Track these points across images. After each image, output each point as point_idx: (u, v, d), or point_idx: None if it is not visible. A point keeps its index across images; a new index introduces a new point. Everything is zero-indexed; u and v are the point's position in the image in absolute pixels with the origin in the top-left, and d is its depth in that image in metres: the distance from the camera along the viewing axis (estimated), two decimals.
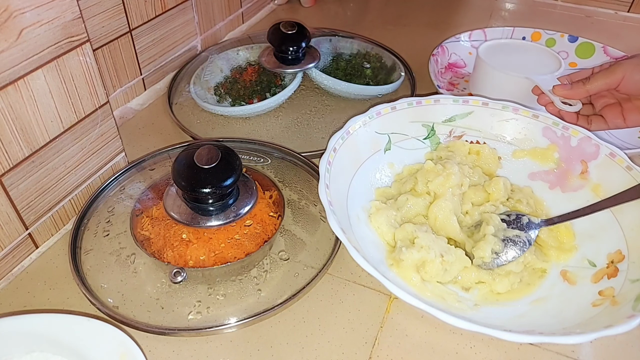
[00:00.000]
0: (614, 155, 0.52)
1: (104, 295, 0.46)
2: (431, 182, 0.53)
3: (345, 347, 0.44)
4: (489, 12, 1.01)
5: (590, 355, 0.44)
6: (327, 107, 0.69)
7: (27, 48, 0.43)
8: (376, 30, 0.91)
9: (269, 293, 0.47)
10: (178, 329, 0.44)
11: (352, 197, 0.52)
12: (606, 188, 0.52)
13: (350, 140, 0.54)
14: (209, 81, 0.73)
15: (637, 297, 0.42)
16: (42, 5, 0.43)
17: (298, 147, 0.61)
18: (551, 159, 0.57)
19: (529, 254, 0.49)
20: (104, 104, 0.53)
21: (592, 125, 0.60)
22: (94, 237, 0.51)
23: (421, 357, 0.44)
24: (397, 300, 0.48)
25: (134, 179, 0.56)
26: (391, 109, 0.57)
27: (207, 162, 0.46)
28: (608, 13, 1.00)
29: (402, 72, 0.74)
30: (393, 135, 0.58)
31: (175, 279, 0.45)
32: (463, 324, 0.39)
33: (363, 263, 0.42)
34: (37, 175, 0.48)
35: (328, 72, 0.71)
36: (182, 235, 0.48)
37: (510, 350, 0.44)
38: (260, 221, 0.50)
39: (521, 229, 0.50)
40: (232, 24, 0.89)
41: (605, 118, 0.60)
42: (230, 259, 0.47)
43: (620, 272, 0.46)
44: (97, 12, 0.61)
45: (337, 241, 0.51)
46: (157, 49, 0.72)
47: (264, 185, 0.54)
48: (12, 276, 0.49)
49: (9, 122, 0.44)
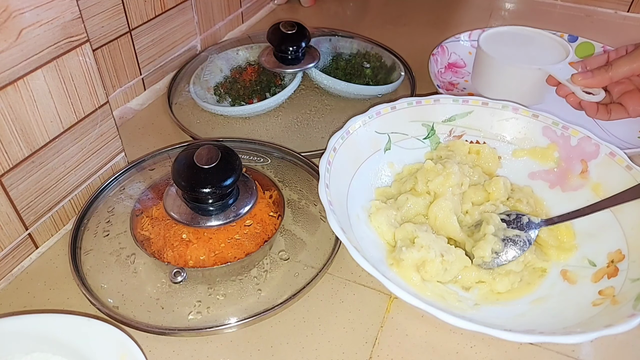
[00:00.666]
0: (614, 154, 0.52)
1: (104, 296, 0.46)
2: (431, 181, 0.53)
3: (346, 347, 0.44)
4: (488, 12, 1.01)
5: (590, 355, 0.44)
6: (327, 107, 0.69)
7: (27, 48, 0.43)
8: (376, 30, 0.91)
9: (269, 293, 0.47)
10: (178, 329, 0.44)
11: (352, 197, 0.52)
12: (606, 188, 0.52)
13: (350, 140, 0.54)
14: (209, 81, 0.73)
15: (638, 296, 0.42)
16: (41, 6, 0.43)
17: (298, 147, 0.61)
18: (551, 158, 0.57)
19: (529, 254, 0.49)
20: (104, 104, 0.53)
21: (611, 114, 0.56)
22: (94, 237, 0.51)
23: (421, 357, 0.44)
24: (397, 300, 0.48)
25: (134, 179, 0.56)
26: (391, 108, 0.57)
27: (207, 162, 0.46)
28: (608, 13, 1.00)
29: (402, 72, 0.74)
30: (393, 134, 0.58)
31: (175, 279, 0.45)
32: (463, 323, 0.39)
33: (363, 263, 0.42)
34: (37, 175, 0.48)
35: (328, 72, 0.71)
36: (182, 235, 0.48)
37: (511, 350, 0.44)
38: (260, 221, 0.50)
39: (521, 228, 0.50)
40: (231, 24, 0.89)
41: (625, 106, 0.56)
42: (230, 259, 0.47)
43: (621, 271, 0.46)
44: (97, 12, 0.61)
45: (337, 241, 0.51)
46: (157, 49, 0.72)
47: (264, 185, 0.54)
48: (12, 276, 0.49)
49: (9, 122, 0.44)
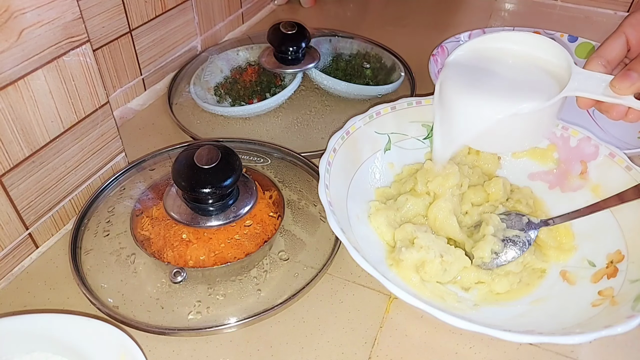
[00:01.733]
0: (614, 155, 0.52)
1: (104, 295, 0.46)
2: (431, 182, 0.53)
3: (345, 347, 0.44)
4: (488, 13, 1.01)
5: (589, 356, 0.44)
6: (327, 107, 0.69)
7: (28, 48, 0.43)
8: (376, 31, 0.91)
9: (269, 293, 0.47)
10: (178, 329, 0.44)
11: (351, 197, 0.52)
12: (606, 188, 0.52)
13: (350, 140, 0.54)
14: (209, 81, 0.73)
15: (637, 297, 0.42)
16: (42, 6, 0.43)
17: (298, 147, 0.61)
18: (551, 159, 0.57)
19: (529, 254, 0.49)
20: (104, 104, 0.53)
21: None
22: (94, 237, 0.51)
23: (421, 357, 0.44)
24: (396, 300, 0.48)
25: (134, 179, 0.56)
26: (391, 109, 0.57)
27: (207, 162, 0.46)
28: (607, 13, 1.00)
29: (402, 72, 0.74)
30: (393, 135, 0.58)
31: (175, 279, 0.45)
32: (463, 324, 0.39)
33: (363, 263, 0.42)
34: (37, 175, 0.48)
35: (328, 72, 0.71)
36: (182, 235, 0.48)
37: (510, 350, 0.44)
38: (260, 221, 0.50)
39: (521, 229, 0.50)
40: (232, 24, 0.89)
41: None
42: (230, 259, 0.47)
43: (620, 272, 0.46)
44: (97, 12, 0.61)
45: (337, 241, 0.51)
46: (157, 49, 0.72)
47: (264, 185, 0.54)
48: (12, 276, 0.49)
49: (9, 122, 0.44)
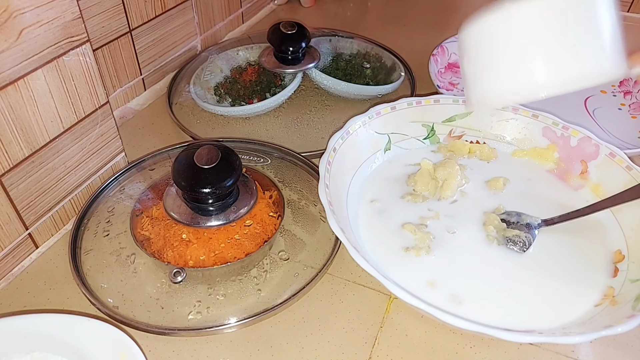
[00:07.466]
0: (614, 155, 0.52)
1: (104, 295, 0.46)
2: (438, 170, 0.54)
3: (345, 347, 0.44)
4: None
5: (590, 355, 0.44)
6: (327, 107, 0.69)
7: (27, 48, 0.43)
8: (376, 31, 0.91)
9: (269, 293, 0.47)
10: (178, 329, 0.44)
11: (352, 197, 0.52)
12: (606, 188, 0.52)
13: (350, 140, 0.54)
14: (209, 81, 0.73)
15: (637, 297, 0.42)
16: (42, 6, 0.43)
17: (298, 147, 0.61)
18: (551, 158, 0.57)
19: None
20: (104, 104, 0.53)
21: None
22: (94, 237, 0.51)
23: (421, 357, 0.44)
24: (396, 300, 0.48)
25: (134, 179, 0.56)
26: (391, 109, 0.57)
27: (207, 162, 0.46)
28: None
29: (402, 72, 0.74)
30: (393, 135, 0.58)
31: (175, 279, 0.45)
32: (463, 323, 0.39)
33: (363, 263, 0.42)
34: (37, 175, 0.48)
35: (328, 72, 0.71)
36: (182, 235, 0.48)
37: (510, 350, 0.44)
38: (260, 221, 0.50)
39: (521, 229, 0.50)
40: (232, 24, 0.89)
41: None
42: (230, 259, 0.47)
43: (620, 272, 0.46)
44: (97, 12, 0.61)
45: (337, 241, 0.51)
46: (157, 49, 0.72)
47: (264, 185, 0.54)
48: (12, 276, 0.49)
49: (9, 122, 0.44)
